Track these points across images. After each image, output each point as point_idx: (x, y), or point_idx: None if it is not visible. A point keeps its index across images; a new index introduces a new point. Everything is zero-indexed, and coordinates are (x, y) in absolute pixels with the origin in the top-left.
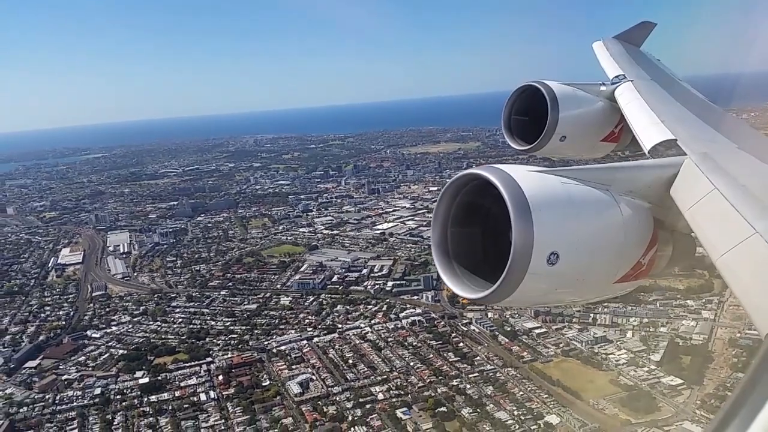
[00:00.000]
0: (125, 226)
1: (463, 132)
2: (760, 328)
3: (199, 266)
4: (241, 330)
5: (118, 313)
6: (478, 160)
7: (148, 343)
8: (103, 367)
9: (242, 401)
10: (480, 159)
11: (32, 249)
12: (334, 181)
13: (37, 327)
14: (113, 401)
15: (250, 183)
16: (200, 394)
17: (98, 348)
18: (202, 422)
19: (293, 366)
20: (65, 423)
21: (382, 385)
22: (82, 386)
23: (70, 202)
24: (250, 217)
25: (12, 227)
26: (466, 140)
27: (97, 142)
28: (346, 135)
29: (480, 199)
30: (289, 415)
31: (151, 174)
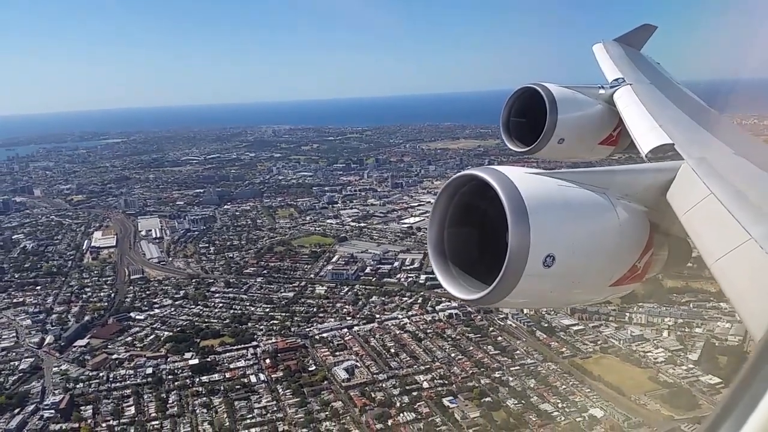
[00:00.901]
0: (154, 211)
1: (482, 129)
2: (754, 333)
3: (232, 253)
4: (281, 316)
5: (158, 296)
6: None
7: (192, 326)
8: (151, 348)
9: (291, 384)
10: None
11: (64, 231)
12: (356, 174)
13: (81, 307)
14: (166, 381)
15: (273, 173)
16: (250, 376)
17: (143, 329)
18: (254, 403)
19: (337, 353)
20: (121, 400)
21: (425, 374)
22: (133, 365)
23: (96, 186)
24: (277, 207)
25: (41, 209)
26: (485, 137)
27: (114, 127)
28: (363, 128)
29: (477, 201)
30: (338, 399)
31: (173, 161)
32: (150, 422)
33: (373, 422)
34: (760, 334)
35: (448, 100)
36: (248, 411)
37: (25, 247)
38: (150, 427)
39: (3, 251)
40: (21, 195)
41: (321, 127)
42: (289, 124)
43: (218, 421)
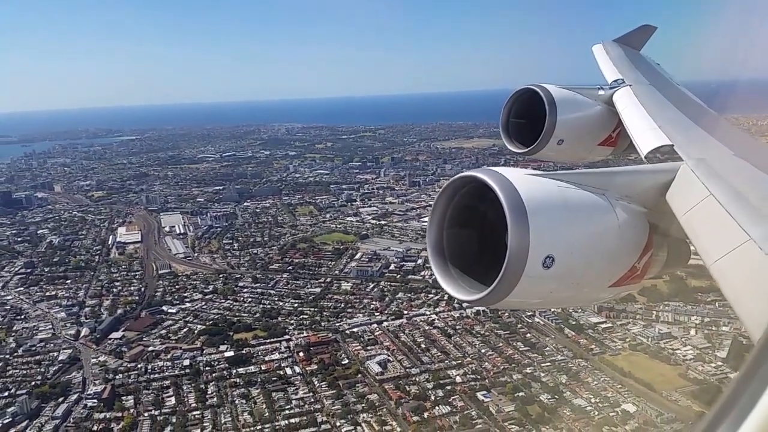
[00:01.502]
0: (175, 208)
1: (495, 128)
2: (753, 334)
3: (255, 250)
4: (310, 311)
5: (188, 290)
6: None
7: (224, 319)
8: (185, 341)
9: (326, 377)
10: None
11: (88, 227)
12: (372, 173)
13: (113, 301)
14: (203, 372)
15: (290, 171)
16: (285, 369)
17: (176, 322)
18: (291, 394)
19: (368, 347)
20: (161, 391)
21: (457, 369)
22: (170, 357)
23: (116, 182)
24: (296, 205)
25: (62, 205)
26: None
27: (128, 124)
28: (376, 127)
29: (477, 202)
30: (373, 391)
31: (189, 158)
32: (190, 412)
33: (409, 414)
34: (759, 335)
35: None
36: (286, 402)
37: (51, 241)
38: (191, 417)
39: (30, 245)
40: (41, 191)
41: (333, 126)
42: (300, 123)
43: (258, 411)
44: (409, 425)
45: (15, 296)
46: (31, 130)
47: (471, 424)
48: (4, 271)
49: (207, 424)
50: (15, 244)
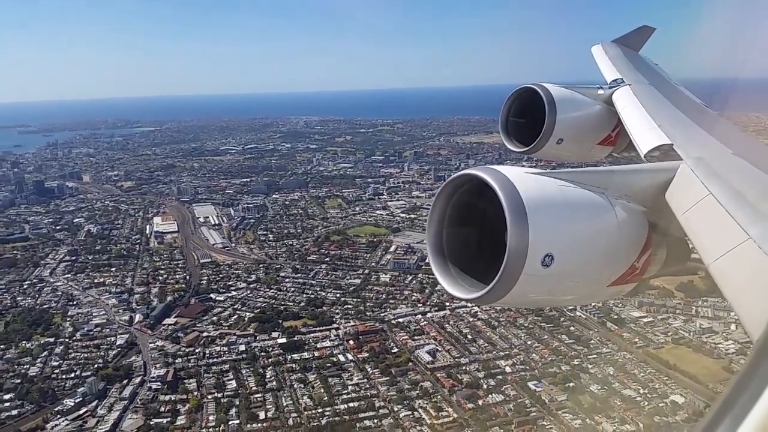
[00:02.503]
0: (206, 199)
1: None
2: (752, 333)
3: (291, 241)
4: (353, 302)
5: (231, 279)
6: None
7: (271, 307)
8: (237, 327)
9: (378, 364)
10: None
11: (123, 216)
12: (396, 167)
13: (160, 288)
14: (259, 357)
15: (314, 164)
16: (338, 356)
17: (225, 310)
18: (346, 380)
19: (415, 337)
20: (221, 374)
21: (505, 359)
22: (225, 343)
23: (143, 173)
24: (324, 198)
25: (94, 194)
26: None
27: (146, 115)
28: (394, 121)
29: (476, 200)
30: (425, 379)
31: (212, 150)
32: (252, 395)
33: (464, 402)
34: (758, 334)
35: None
36: (342, 387)
37: (90, 230)
38: (253, 399)
39: (69, 234)
40: (70, 180)
41: (351, 119)
42: (316, 116)
43: (316, 395)
44: (465, 412)
45: (64, 283)
46: (50, 119)
47: (525, 412)
48: (49, 258)
49: (270, 407)
50: (54, 232)
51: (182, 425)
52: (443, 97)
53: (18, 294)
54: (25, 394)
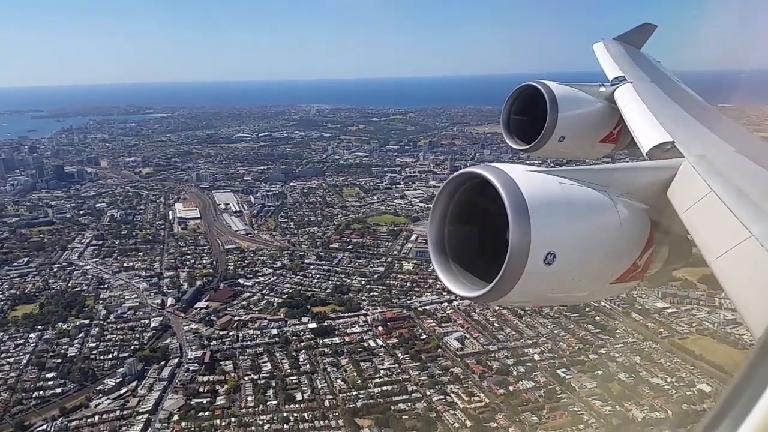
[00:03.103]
0: (225, 186)
1: None
2: (754, 331)
3: (312, 229)
4: (378, 289)
5: (257, 265)
6: None
7: (298, 293)
8: (267, 312)
9: (408, 350)
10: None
11: (144, 202)
12: (411, 156)
13: (189, 273)
14: (291, 341)
15: (329, 152)
16: (368, 341)
17: (254, 295)
18: (377, 364)
19: (442, 324)
20: (256, 357)
21: (533, 347)
22: (257, 327)
23: (161, 159)
24: (341, 186)
25: (113, 180)
26: None
27: (157, 101)
28: (405, 110)
29: (478, 198)
30: (455, 365)
31: (227, 137)
32: (287, 377)
33: (495, 387)
34: (760, 332)
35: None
36: (374, 371)
37: (113, 215)
38: (289, 381)
39: (94, 218)
40: (89, 166)
41: (362, 108)
42: (327, 104)
43: (350, 378)
44: (496, 397)
45: (93, 266)
46: (62, 105)
47: (556, 398)
48: (76, 242)
49: (305, 389)
50: (78, 216)
51: (222, 405)
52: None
53: (49, 277)
54: (66, 374)
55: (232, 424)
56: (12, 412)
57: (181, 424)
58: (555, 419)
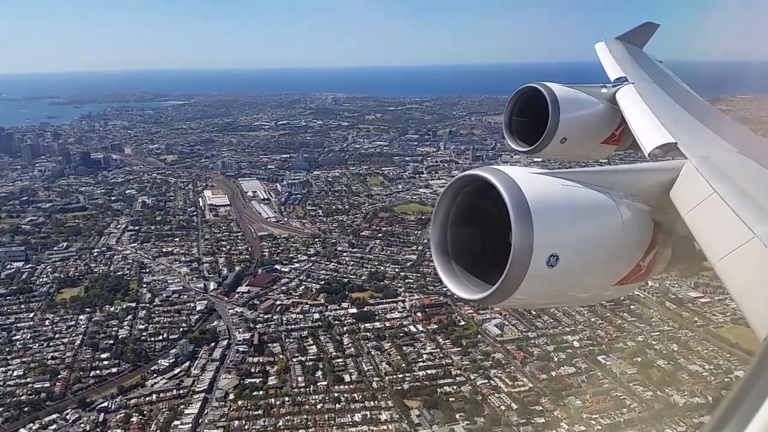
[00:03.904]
0: (250, 174)
1: None
2: (759, 332)
3: (340, 217)
4: (413, 276)
5: (291, 252)
6: None
7: (334, 280)
8: (306, 297)
9: (449, 336)
10: None
11: (173, 189)
12: (431, 146)
13: (226, 258)
14: (334, 325)
15: (349, 141)
16: (408, 327)
17: (291, 280)
18: (420, 349)
19: (480, 311)
20: (301, 340)
21: (572, 335)
22: (300, 311)
23: (184, 147)
24: (365, 175)
25: (139, 167)
26: None
27: (172, 88)
28: (422, 99)
29: (480, 200)
30: (496, 351)
31: (246, 125)
32: (333, 360)
33: (537, 372)
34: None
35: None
36: (417, 355)
37: (145, 202)
38: (335, 364)
39: (126, 204)
40: (113, 152)
41: (378, 97)
42: (341, 92)
43: (394, 362)
44: (539, 382)
45: (132, 251)
46: (78, 91)
47: (598, 384)
48: (111, 227)
49: (352, 371)
50: (110, 203)
51: (274, 385)
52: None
53: (90, 261)
54: (120, 354)
55: (286, 403)
56: (72, 390)
57: (237, 403)
58: (598, 403)
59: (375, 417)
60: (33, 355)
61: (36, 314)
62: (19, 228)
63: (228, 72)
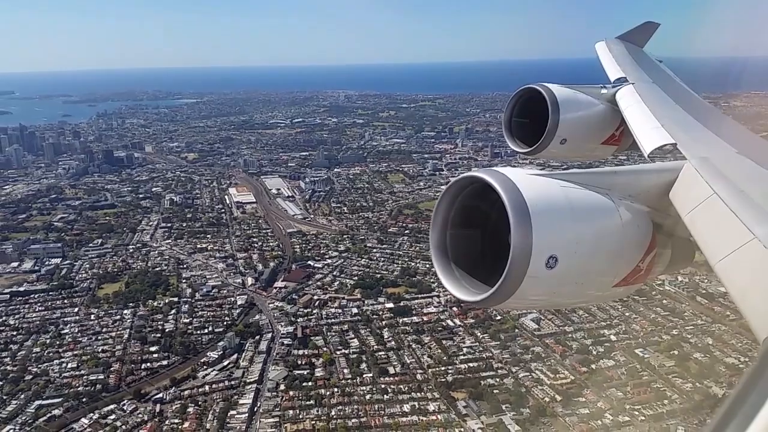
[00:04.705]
0: (271, 171)
1: None
2: (758, 333)
3: (366, 214)
4: None
5: (321, 248)
6: None
7: (367, 275)
8: (342, 292)
9: (486, 330)
10: None
11: (198, 187)
12: (448, 143)
13: (259, 254)
14: (372, 320)
15: (366, 139)
16: (445, 321)
17: (326, 276)
18: (459, 342)
19: None
20: (342, 333)
21: (608, 329)
22: (338, 306)
23: (203, 145)
24: (385, 172)
25: (161, 165)
26: None
27: (183, 87)
28: (434, 96)
29: (479, 202)
30: (535, 345)
31: (262, 123)
32: (375, 353)
33: (577, 365)
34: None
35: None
36: (457, 349)
37: (173, 199)
38: (378, 356)
39: (154, 202)
40: (134, 150)
41: (390, 94)
42: (352, 90)
43: (435, 355)
44: (580, 374)
45: (167, 247)
46: (90, 89)
47: (638, 376)
48: (143, 224)
49: (395, 363)
50: (138, 200)
51: (321, 377)
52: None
53: (127, 257)
54: (168, 347)
55: (335, 393)
56: (126, 381)
57: (288, 393)
58: (639, 395)
59: (423, 407)
60: (83, 348)
61: (80, 309)
62: (51, 225)
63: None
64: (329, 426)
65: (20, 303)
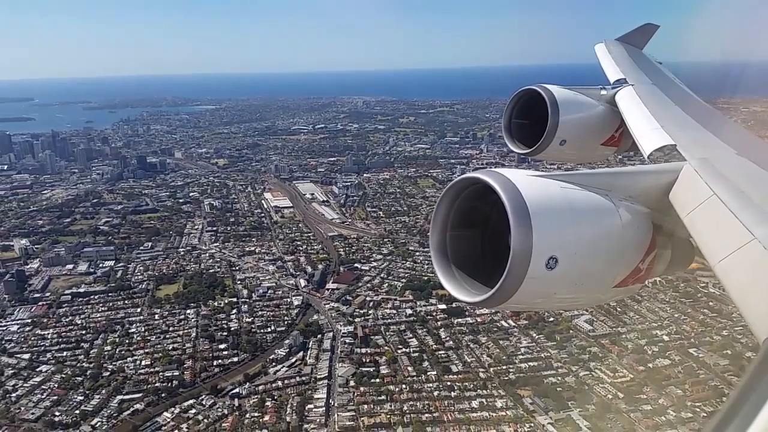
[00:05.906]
0: (303, 177)
1: None
2: (758, 334)
3: (402, 218)
4: None
5: (364, 251)
6: None
7: (415, 277)
8: (394, 294)
9: (541, 331)
10: None
11: (235, 192)
12: (473, 148)
13: (306, 257)
14: (428, 320)
15: (390, 145)
16: (500, 322)
17: (374, 278)
18: (515, 342)
19: None
20: (400, 333)
21: (660, 329)
22: (391, 306)
23: (231, 151)
24: (415, 177)
25: (193, 170)
26: None
27: (200, 93)
28: (452, 102)
29: (479, 203)
30: (591, 345)
31: (285, 129)
32: (436, 352)
33: (635, 364)
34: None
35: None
36: (515, 349)
37: (212, 204)
38: (439, 355)
39: (195, 207)
40: (164, 156)
41: (406, 100)
42: (370, 96)
43: (494, 355)
44: (638, 373)
45: (217, 250)
46: (109, 96)
47: (695, 374)
48: (188, 228)
49: (456, 362)
50: (179, 205)
51: (387, 374)
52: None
53: (179, 260)
54: (237, 345)
55: (404, 389)
56: (201, 377)
57: (359, 389)
58: (698, 392)
59: (491, 404)
60: (153, 346)
61: (143, 309)
62: (97, 228)
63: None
64: (404, 420)
65: (82, 303)
